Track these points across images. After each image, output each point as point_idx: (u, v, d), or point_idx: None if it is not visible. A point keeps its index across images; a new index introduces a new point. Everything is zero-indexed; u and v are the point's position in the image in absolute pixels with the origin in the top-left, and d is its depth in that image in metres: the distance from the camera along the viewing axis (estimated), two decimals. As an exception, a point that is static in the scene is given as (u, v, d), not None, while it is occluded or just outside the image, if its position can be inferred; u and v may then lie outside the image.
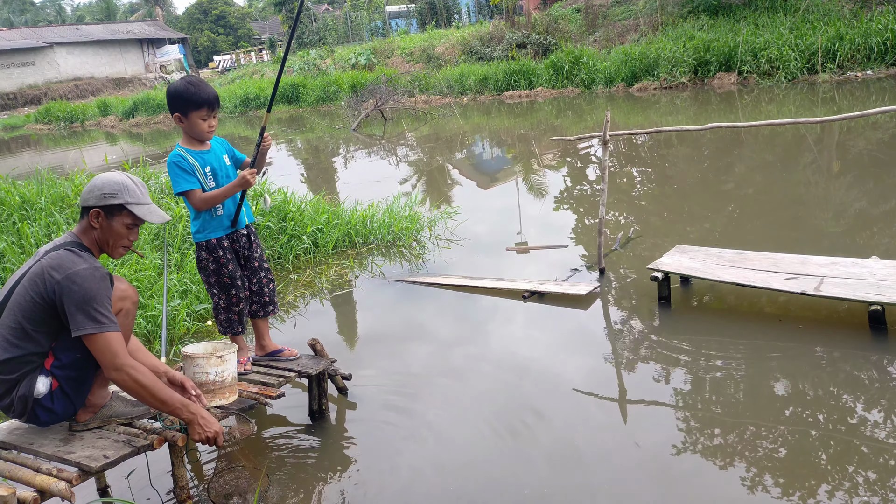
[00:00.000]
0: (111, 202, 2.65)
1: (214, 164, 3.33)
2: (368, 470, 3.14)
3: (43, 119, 31.95)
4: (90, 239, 2.72)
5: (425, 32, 29.39)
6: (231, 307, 3.47)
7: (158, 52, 47.01)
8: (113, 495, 3.06)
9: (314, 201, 7.21)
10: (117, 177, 2.70)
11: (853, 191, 6.97)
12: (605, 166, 5.35)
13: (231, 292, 3.43)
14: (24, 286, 2.60)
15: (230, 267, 3.39)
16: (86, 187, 2.70)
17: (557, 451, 3.13)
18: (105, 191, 2.65)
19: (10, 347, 2.58)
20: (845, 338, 3.85)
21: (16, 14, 62.20)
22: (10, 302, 2.62)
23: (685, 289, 4.79)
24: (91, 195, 2.67)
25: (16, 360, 2.58)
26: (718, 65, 16.07)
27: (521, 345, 4.27)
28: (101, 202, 2.65)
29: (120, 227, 2.69)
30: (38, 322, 2.57)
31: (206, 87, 3.27)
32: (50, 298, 2.54)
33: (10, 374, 2.58)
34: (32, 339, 2.58)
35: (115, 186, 2.67)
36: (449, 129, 15.09)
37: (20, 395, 2.59)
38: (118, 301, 2.69)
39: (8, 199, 6.82)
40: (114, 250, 2.75)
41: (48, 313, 2.57)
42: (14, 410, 2.64)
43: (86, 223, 2.70)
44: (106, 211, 2.67)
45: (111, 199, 2.65)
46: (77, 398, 2.70)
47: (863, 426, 3.06)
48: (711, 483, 2.82)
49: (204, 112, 3.24)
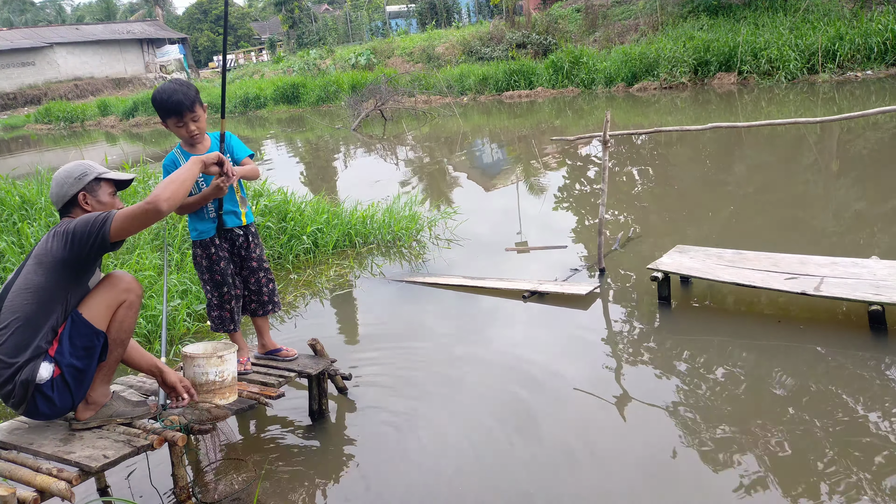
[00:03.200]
0: (87, 179, 2.79)
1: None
2: (368, 470, 3.14)
3: (43, 119, 31.96)
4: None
5: (425, 32, 29.40)
6: (223, 304, 3.49)
7: (158, 52, 47.00)
8: (113, 495, 3.06)
9: (314, 201, 7.21)
10: (72, 163, 2.84)
11: (853, 191, 6.97)
12: (605, 166, 5.35)
13: (223, 290, 3.45)
14: (32, 263, 2.67)
15: (222, 265, 3.41)
16: (53, 188, 2.80)
17: (558, 451, 3.13)
18: (76, 174, 2.79)
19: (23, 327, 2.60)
20: (845, 338, 3.85)
21: (16, 14, 62.20)
22: (15, 286, 2.66)
23: (685, 289, 4.79)
24: (66, 186, 2.77)
25: (25, 340, 2.60)
26: (718, 65, 16.07)
27: (521, 345, 4.27)
28: (79, 185, 2.77)
29: (106, 198, 2.84)
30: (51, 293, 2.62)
31: (176, 92, 3.13)
32: (61, 253, 2.61)
33: (17, 356, 2.59)
34: (46, 314, 2.62)
35: (81, 167, 2.81)
36: (449, 129, 15.09)
37: (22, 379, 2.59)
38: (122, 293, 2.73)
39: (8, 199, 6.82)
40: None
41: (60, 274, 2.62)
42: (14, 397, 2.64)
43: (77, 212, 2.79)
44: (89, 190, 2.80)
45: (86, 177, 2.79)
46: (77, 390, 2.70)
47: (863, 426, 3.06)
48: (711, 483, 2.81)
49: (174, 119, 3.17)
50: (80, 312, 2.67)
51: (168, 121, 3.21)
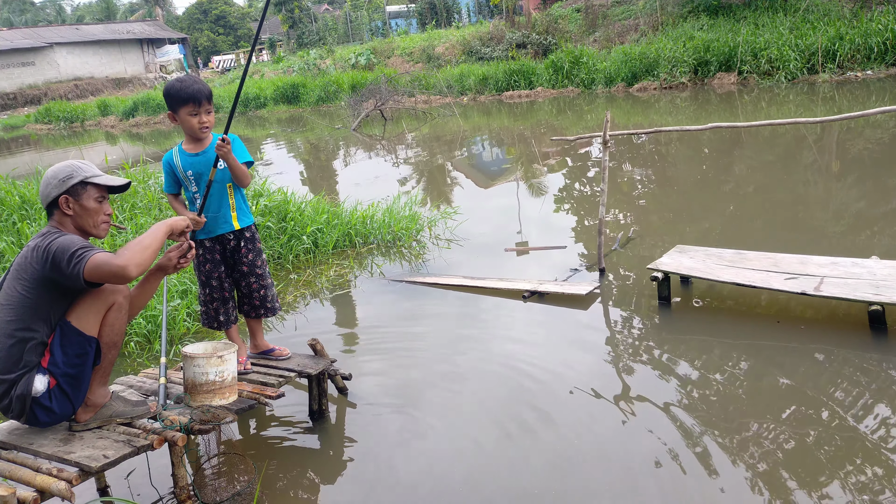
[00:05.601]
0: (72, 182, 2.70)
1: (201, 168, 3.32)
2: (368, 470, 3.14)
3: (43, 119, 31.95)
4: (69, 228, 2.73)
5: (425, 32, 29.41)
6: (207, 303, 3.56)
7: (158, 52, 47.01)
8: (113, 495, 3.06)
9: (314, 201, 7.21)
10: (63, 163, 2.76)
11: (853, 191, 6.97)
12: (605, 166, 5.35)
13: (205, 290, 3.53)
14: (11, 278, 2.64)
15: (207, 267, 3.48)
16: (41, 186, 2.74)
17: (558, 451, 3.13)
18: (60, 176, 2.70)
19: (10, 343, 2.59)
20: (845, 338, 3.85)
21: (16, 14, 62.18)
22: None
23: (685, 289, 4.79)
24: (50, 187, 2.71)
25: (13, 356, 2.58)
26: (718, 65, 16.08)
27: (520, 345, 4.27)
28: (63, 187, 2.69)
29: (91, 203, 2.73)
30: (34, 307, 2.59)
31: (196, 83, 3.24)
32: (40, 271, 2.57)
33: (8, 372, 2.58)
34: (31, 328, 2.59)
35: (68, 169, 2.72)
36: (449, 129, 15.09)
37: (18, 394, 2.59)
38: (109, 296, 2.68)
39: (8, 199, 6.83)
40: (97, 228, 2.78)
41: (44, 288, 2.58)
42: (12, 411, 2.64)
43: (59, 215, 2.73)
44: (72, 193, 2.70)
45: (70, 180, 2.70)
46: (75, 396, 2.70)
47: (863, 426, 3.06)
48: (711, 483, 2.81)
49: (191, 107, 3.22)
50: (69, 321, 2.63)
51: (182, 109, 3.22)
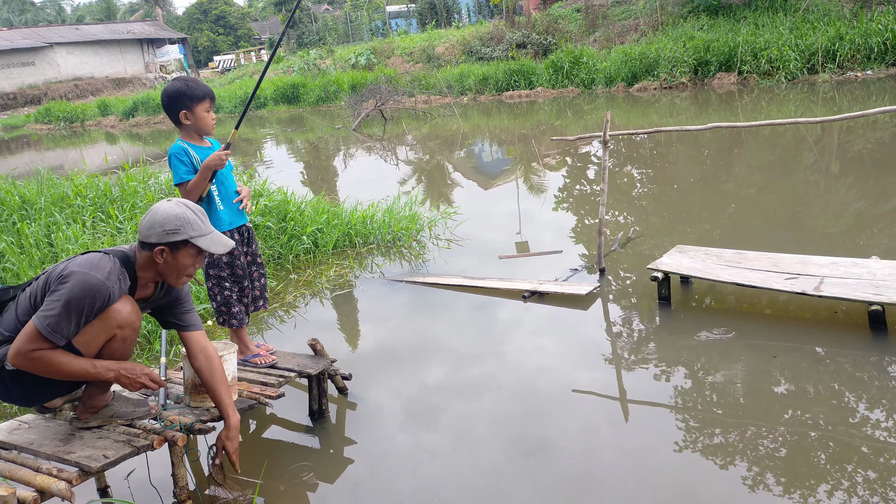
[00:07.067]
0: (175, 238, 2.57)
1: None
2: (368, 470, 3.14)
3: (43, 119, 31.95)
4: (151, 270, 2.66)
5: (425, 32, 29.39)
6: (242, 299, 3.66)
7: (158, 52, 47.00)
8: (113, 495, 3.06)
9: (314, 201, 7.21)
10: (177, 209, 2.60)
11: (853, 191, 6.97)
12: (605, 166, 5.35)
13: (243, 283, 3.66)
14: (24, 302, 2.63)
15: (242, 259, 3.62)
16: (145, 221, 2.61)
17: (558, 451, 3.13)
18: (167, 227, 2.57)
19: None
20: (845, 338, 3.85)
21: (16, 14, 62.16)
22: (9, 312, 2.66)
23: (685, 289, 4.79)
24: (153, 232, 2.58)
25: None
26: (718, 65, 16.08)
27: (520, 345, 4.27)
28: (164, 239, 2.57)
29: (186, 260, 2.63)
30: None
31: (201, 82, 3.45)
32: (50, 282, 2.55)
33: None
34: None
35: (178, 222, 2.58)
36: (449, 129, 15.09)
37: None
38: (115, 328, 2.59)
39: (8, 199, 6.83)
40: (178, 280, 2.70)
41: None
42: None
43: (148, 257, 2.62)
44: (171, 247, 2.59)
45: (174, 235, 2.57)
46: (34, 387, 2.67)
47: (863, 426, 3.06)
48: (711, 483, 2.81)
49: (207, 104, 3.40)
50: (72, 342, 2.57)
51: (199, 106, 3.36)
